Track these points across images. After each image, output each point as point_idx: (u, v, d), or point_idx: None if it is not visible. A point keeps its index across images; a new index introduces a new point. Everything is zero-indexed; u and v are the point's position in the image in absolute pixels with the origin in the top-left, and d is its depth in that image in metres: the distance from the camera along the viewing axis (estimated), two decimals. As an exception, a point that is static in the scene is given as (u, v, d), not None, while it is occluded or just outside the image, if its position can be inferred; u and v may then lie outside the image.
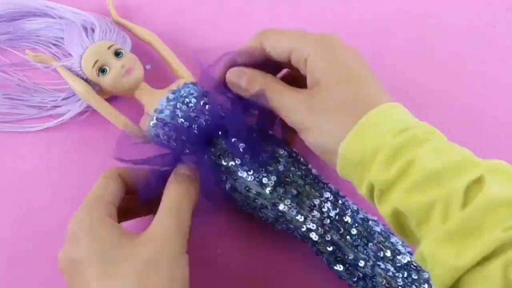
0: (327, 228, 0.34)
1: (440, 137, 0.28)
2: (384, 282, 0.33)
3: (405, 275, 0.33)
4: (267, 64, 0.35)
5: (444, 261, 0.24)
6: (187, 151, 0.34)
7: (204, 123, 0.35)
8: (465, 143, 0.31)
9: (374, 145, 0.27)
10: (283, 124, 0.34)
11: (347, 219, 0.34)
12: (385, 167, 0.27)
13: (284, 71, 0.37)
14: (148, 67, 0.42)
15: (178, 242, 0.30)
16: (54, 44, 0.42)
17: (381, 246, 0.34)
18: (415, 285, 0.33)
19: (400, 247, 0.34)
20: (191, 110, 0.36)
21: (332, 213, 0.34)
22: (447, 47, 0.47)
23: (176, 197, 0.32)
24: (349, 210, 0.35)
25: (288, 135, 0.37)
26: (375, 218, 0.36)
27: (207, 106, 0.36)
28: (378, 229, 0.35)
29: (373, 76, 0.32)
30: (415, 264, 0.34)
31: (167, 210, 0.31)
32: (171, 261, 0.29)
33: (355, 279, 0.34)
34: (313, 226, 0.34)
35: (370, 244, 0.34)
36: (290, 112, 0.32)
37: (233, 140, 0.34)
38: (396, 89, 0.34)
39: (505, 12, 0.49)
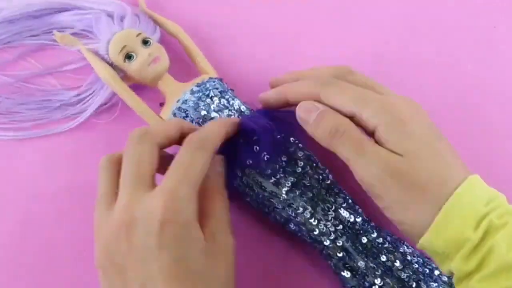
0: (339, 233, 0.34)
1: None
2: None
3: (414, 286, 0.34)
4: None
5: None
6: None
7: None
8: (464, 142, 0.31)
9: (456, 241, 0.28)
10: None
11: (359, 227, 0.35)
12: (466, 260, 0.28)
13: None
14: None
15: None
16: (84, 36, 0.42)
17: (391, 256, 0.34)
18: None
19: (409, 257, 0.34)
20: (214, 103, 0.36)
21: (346, 220, 0.35)
22: (447, 47, 0.46)
23: (223, 208, 0.31)
24: (361, 218, 0.35)
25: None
26: (386, 230, 0.36)
27: (231, 102, 0.37)
28: (389, 238, 0.35)
29: (448, 145, 0.31)
30: (423, 273, 0.34)
31: (225, 223, 0.30)
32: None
33: (361, 288, 0.34)
34: (325, 230, 0.34)
35: (380, 254, 0.34)
36: (371, 176, 0.30)
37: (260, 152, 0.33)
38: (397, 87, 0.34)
39: (505, 12, 0.48)
